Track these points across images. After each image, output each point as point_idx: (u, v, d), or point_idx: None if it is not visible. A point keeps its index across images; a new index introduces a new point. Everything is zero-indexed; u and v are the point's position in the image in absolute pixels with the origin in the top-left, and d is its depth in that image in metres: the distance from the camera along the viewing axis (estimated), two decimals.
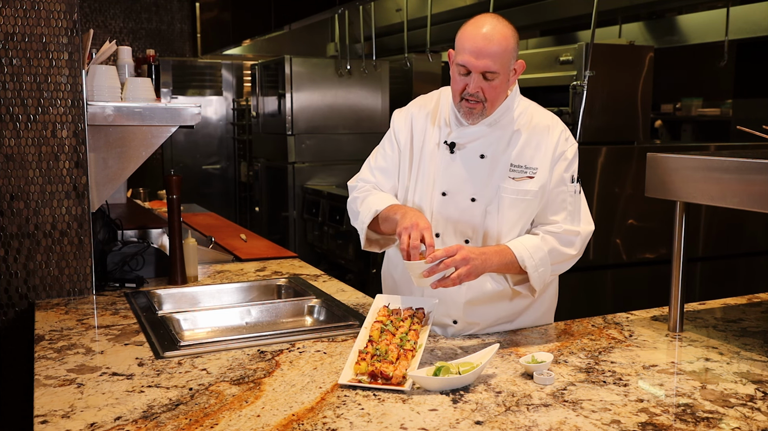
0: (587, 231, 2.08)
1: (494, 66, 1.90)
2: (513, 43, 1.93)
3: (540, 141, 2.05)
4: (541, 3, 4.80)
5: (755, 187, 1.79)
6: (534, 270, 2.00)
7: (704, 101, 5.86)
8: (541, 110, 2.13)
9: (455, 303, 2.09)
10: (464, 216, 2.05)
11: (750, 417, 1.52)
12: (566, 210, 2.06)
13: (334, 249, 5.09)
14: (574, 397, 1.62)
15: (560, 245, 2.03)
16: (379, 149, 2.24)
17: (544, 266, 2.01)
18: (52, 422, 1.51)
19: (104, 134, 2.68)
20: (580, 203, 2.09)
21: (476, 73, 1.92)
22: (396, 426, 1.47)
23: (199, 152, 7.55)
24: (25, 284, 2.54)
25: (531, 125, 2.06)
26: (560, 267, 2.08)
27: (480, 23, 1.93)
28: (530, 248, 2.00)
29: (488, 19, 1.93)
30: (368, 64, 5.73)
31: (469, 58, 1.91)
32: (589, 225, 2.10)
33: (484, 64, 1.90)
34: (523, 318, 2.17)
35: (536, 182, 2.03)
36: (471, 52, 1.90)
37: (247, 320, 2.41)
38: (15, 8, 2.46)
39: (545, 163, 2.04)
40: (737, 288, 3.41)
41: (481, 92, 1.94)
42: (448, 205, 2.07)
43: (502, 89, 1.98)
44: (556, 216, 2.06)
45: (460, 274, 1.84)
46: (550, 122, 2.09)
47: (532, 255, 1.99)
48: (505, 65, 1.93)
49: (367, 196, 2.16)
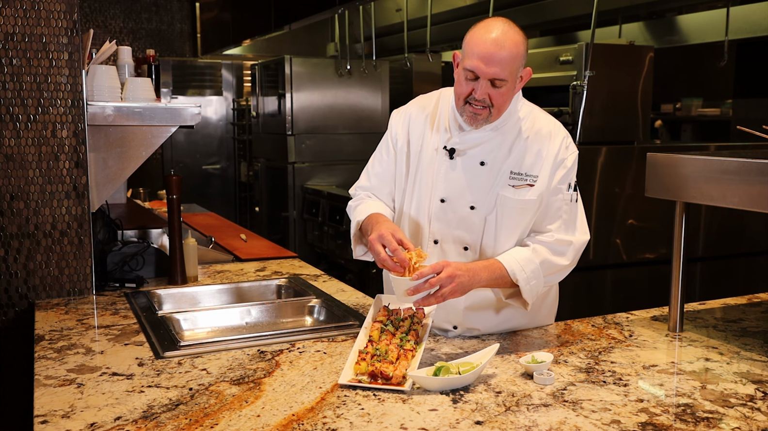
0: (581, 241, 2.02)
1: (503, 73, 1.86)
2: (523, 50, 1.90)
3: (541, 148, 2.00)
4: (541, 3, 4.80)
5: (755, 187, 1.79)
6: (526, 283, 1.94)
7: (704, 101, 5.86)
8: (544, 115, 2.09)
9: (455, 309, 2.06)
10: (463, 224, 2.02)
11: (750, 417, 1.52)
12: (561, 218, 2.01)
13: (334, 249, 5.09)
14: (574, 397, 1.62)
15: (552, 255, 1.98)
16: (377, 154, 2.22)
17: (536, 278, 1.95)
18: (52, 422, 1.51)
19: (104, 134, 2.68)
20: (576, 212, 2.04)
21: (485, 79, 1.87)
22: (396, 426, 1.47)
23: (199, 152, 7.55)
24: (25, 284, 2.54)
25: (533, 131, 2.01)
26: (553, 279, 2.02)
27: (491, 28, 1.87)
28: (521, 261, 1.95)
29: (499, 24, 1.88)
30: (368, 64, 5.73)
31: (479, 64, 1.86)
32: (584, 235, 2.03)
33: (494, 71, 1.86)
34: (524, 323, 2.15)
35: (536, 190, 1.98)
36: (481, 57, 1.85)
37: (247, 320, 2.41)
38: (15, 8, 2.46)
39: (546, 171, 1.99)
40: (737, 288, 3.41)
41: (488, 98, 1.90)
42: (446, 212, 2.03)
43: (509, 96, 1.94)
44: (551, 224, 2.01)
45: (444, 293, 1.80)
46: (552, 128, 2.04)
47: (523, 268, 1.94)
48: (514, 72, 1.89)
49: (357, 205, 2.15)
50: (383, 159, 2.18)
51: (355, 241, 2.13)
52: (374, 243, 1.87)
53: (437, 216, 2.04)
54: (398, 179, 2.15)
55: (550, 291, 2.19)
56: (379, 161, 2.19)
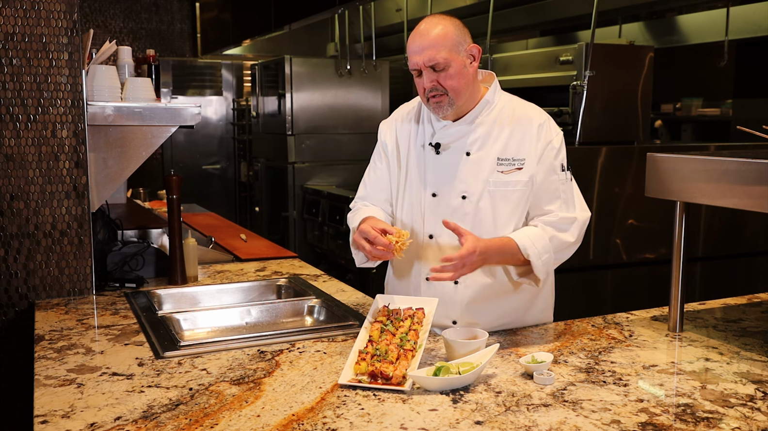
0: (584, 218, 2.09)
1: (438, 55, 1.93)
2: (452, 30, 1.96)
3: (524, 132, 2.05)
4: (541, 3, 4.80)
5: (755, 187, 1.79)
6: (537, 258, 2.01)
7: (704, 101, 5.86)
8: (523, 102, 2.14)
9: (454, 303, 2.09)
10: (456, 215, 2.05)
11: (750, 417, 1.52)
12: (560, 198, 2.07)
13: (334, 249, 5.09)
14: (574, 397, 1.62)
15: (559, 232, 2.05)
16: (370, 164, 2.28)
17: (547, 253, 2.02)
18: (52, 422, 1.51)
19: (104, 134, 2.68)
20: (572, 190, 2.11)
21: (425, 68, 1.96)
22: (396, 426, 1.47)
23: (199, 152, 7.54)
24: (25, 284, 2.54)
25: (514, 117, 2.07)
26: (562, 255, 2.09)
27: (417, 26, 2.00)
28: (531, 237, 2.01)
29: (424, 20, 2.00)
30: (368, 64, 5.73)
31: (414, 57, 1.96)
32: (585, 211, 2.11)
33: (428, 56, 1.93)
34: (522, 316, 2.17)
35: (525, 172, 2.04)
36: (413, 51, 1.96)
37: (247, 320, 2.41)
38: (15, 8, 2.46)
39: (532, 153, 2.04)
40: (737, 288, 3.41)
41: (438, 84, 1.96)
42: (439, 205, 2.08)
43: (460, 77, 1.97)
44: (550, 205, 2.07)
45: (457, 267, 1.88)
46: (532, 113, 2.10)
47: (534, 244, 2.01)
48: (453, 51, 1.95)
49: (353, 216, 2.19)
50: (377, 167, 2.25)
51: (354, 251, 2.17)
52: (358, 240, 1.97)
53: (430, 211, 2.09)
54: (393, 183, 2.20)
55: (546, 282, 2.20)
56: (374, 170, 2.26)
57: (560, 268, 2.17)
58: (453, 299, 2.08)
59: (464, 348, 1.79)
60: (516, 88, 2.54)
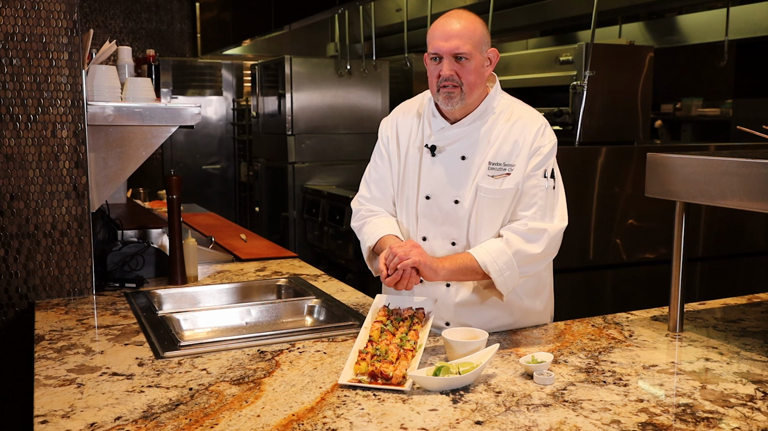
0: (557, 229, 2.00)
1: (464, 46, 1.92)
2: (481, 28, 1.97)
3: (518, 137, 2.02)
4: (541, 3, 4.80)
5: (755, 188, 1.79)
6: (499, 275, 1.95)
7: (704, 101, 5.86)
8: (523, 106, 2.11)
9: (446, 305, 2.09)
10: (449, 219, 2.04)
11: (750, 417, 1.52)
12: (536, 205, 2.00)
13: (334, 249, 5.09)
14: (574, 397, 1.62)
15: (525, 244, 1.97)
16: (371, 162, 2.27)
17: (510, 270, 1.95)
18: (52, 422, 1.51)
19: (104, 134, 2.68)
20: (555, 199, 2.03)
21: (447, 56, 1.94)
22: (396, 426, 1.47)
23: (199, 152, 7.54)
24: (25, 284, 2.54)
25: (511, 122, 2.04)
26: (528, 269, 2.00)
27: (445, 15, 1.99)
28: (493, 253, 1.95)
29: (453, 11, 1.99)
30: (368, 64, 5.73)
31: (438, 42, 1.95)
32: (562, 221, 2.02)
33: (454, 45, 1.93)
34: (518, 320, 2.16)
35: (512, 179, 2.00)
36: (439, 37, 1.95)
37: (247, 320, 2.41)
38: (15, 8, 2.46)
39: (522, 159, 2.01)
40: (737, 288, 3.41)
41: (455, 75, 1.95)
42: (432, 208, 2.07)
43: (477, 74, 1.97)
44: (525, 211, 2.00)
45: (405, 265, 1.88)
46: (529, 118, 2.06)
47: (495, 260, 1.94)
48: (476, 47, 1.95)
49: (362, 226, 2.18)
50: (378, 165, 2.23)
51: (369, 263, 2.18)
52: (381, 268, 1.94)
53: (423, 213, 2.08)
54: (394, 181, 2.19)
55: (544, 290, 2.19)
56: (375, 168, 2.23)
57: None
58: (445, 301, 2.08)
59: (464, 348, 1.79)
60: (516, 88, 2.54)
